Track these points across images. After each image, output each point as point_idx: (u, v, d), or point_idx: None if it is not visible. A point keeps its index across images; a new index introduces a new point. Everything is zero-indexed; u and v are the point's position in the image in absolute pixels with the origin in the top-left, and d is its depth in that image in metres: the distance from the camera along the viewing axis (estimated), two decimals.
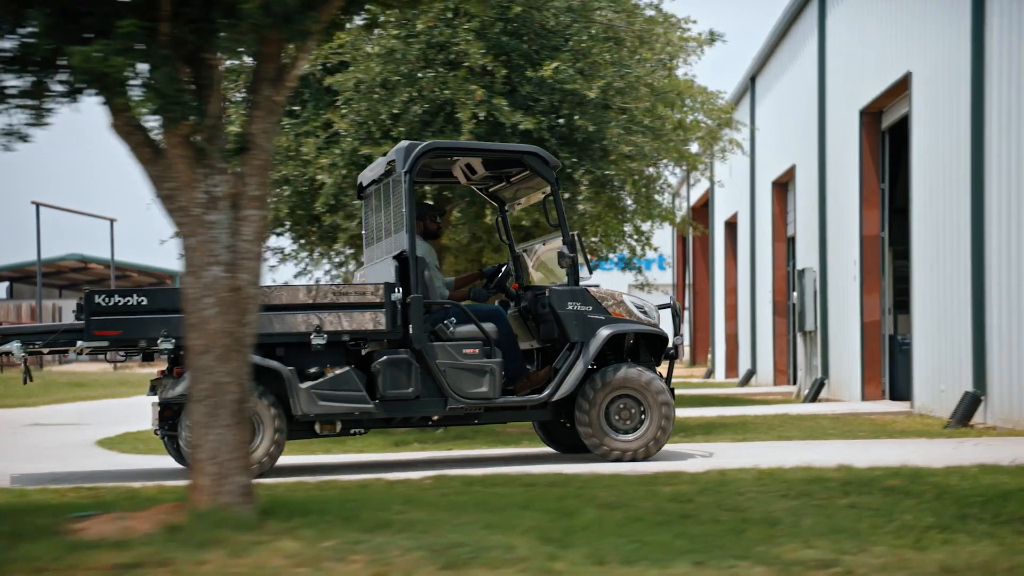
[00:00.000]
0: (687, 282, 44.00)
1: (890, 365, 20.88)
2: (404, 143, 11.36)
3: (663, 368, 12.17)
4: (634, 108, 14.03)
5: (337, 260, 16.23)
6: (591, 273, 12.63)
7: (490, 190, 12.94)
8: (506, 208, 13.06)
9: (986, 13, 15.24)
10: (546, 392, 11.34)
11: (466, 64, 13.37)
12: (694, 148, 22.57)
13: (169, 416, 10.89)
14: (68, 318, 47.54)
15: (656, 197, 23.84)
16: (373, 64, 13.36)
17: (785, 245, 28.02)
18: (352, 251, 16.17)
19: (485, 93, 13.32)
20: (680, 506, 8.08)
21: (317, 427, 11.11)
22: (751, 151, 30.76)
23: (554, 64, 13.44)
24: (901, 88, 18.98)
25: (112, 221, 48.92)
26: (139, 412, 21.08)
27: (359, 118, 13.38)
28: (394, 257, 11.49)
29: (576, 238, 11.60)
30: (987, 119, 15.23)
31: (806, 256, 24.87)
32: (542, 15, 13.83)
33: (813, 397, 22.98)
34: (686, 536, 6.94)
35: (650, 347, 11.95)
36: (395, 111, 13.36)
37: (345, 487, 9.24)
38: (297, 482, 9.81)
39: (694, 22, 22.84)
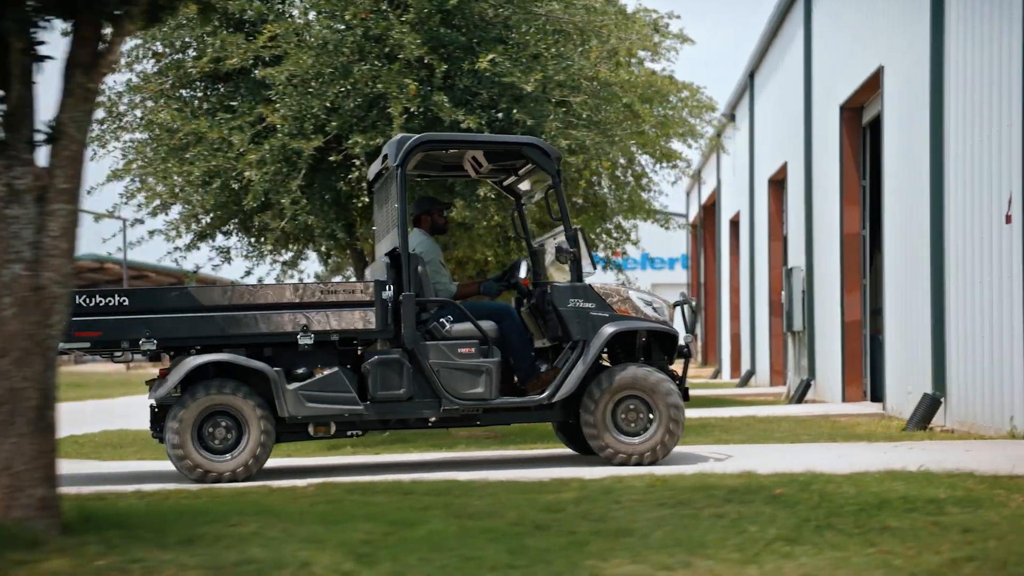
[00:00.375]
0: (700, 281, 43.54)
1: (872, 366, 20.37)
2: (397, 136, 11.08)
3: (679, 368, 11.67)
4: (573, 101, 13.60)
5: (283, 259, 15.85)
6: (595, 268, 12.11)
7: (504, 183, 12.57)
8: (522, 202, 12.66)
9: (945, 5, 14.76)
10: (546, 393, 10.98)
11: (401, 57, 13.00)
12: (677, 145, 22.24)
13: (161, 418, 10.73)
14: None
15: (643, 194, 23.57)
16: (305, 57, 13.00)
17: (781, 244, 27.52)
18: (291, 252, 15.77)
19: (419, 87, 12.94)
20: (546, 516, 7.74)
21: (310, 429, 10.84)
22: (750, 148, 30.33)
23: (490, 56, 13.05)
24: (876, 83, 18.50)
25: (125, 221, 48.71)
26: (110, 414, 20.88)
27: (291, 112, 13.03)
28: (386, 254, 11.20)
29: (579, 232, 11.23)
30: (946, 117, 14.78)
31: (795, 255, 24.41)
32: (480, 6, 13.44)
33: (799, 398, 22.54)
34: (521, 550, 6.63)
35: (663, 346, 11.50)
36: (327, 104, 13.00)
37: (198, 496, 8.89)
38: (177, 489, 9.46)
39: (677, 17, 22.59)
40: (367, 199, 13.50)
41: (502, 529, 7.22)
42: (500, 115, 13.43)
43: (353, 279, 10.59)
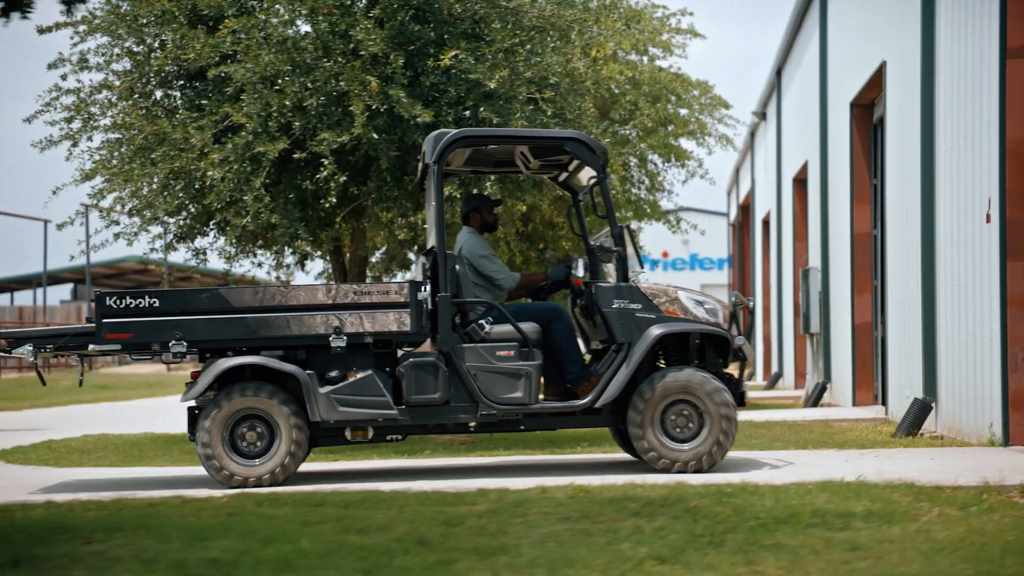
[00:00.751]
0: (740, 282, 43.06)
1: (883, 369, 19.89)
2: (434, 132, 10.79)
3: (736, 371, 11.18)
4: (540, 98, 13.27)
5: (258, 260, 15.61)
6: (642, 267, 11.56)
7: (559, 179, 12.17)
8: (579, 198, 12.23)
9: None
10: (588, 398, 10.57)
11: (362, 53, 12.75)
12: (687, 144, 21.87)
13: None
14: None
15: (646, 194, 23.18)
16: (264, 53, 12.77)
17: (805, 244, 27.03)
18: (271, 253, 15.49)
19: (381, 84, 12.67)
20: (439, 530, 7.50)
21: (347, 433, 10.56)
22: (777, 147, 29.87)
23: (452, 52, 12.76)
24: (880, 78, 18.04)
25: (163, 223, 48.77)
26: (108, 417, 20.75)
27: (254, 110, 12.80)
28: (424, 253, 10.84)
29: (626, 230, 10.85)
30: (936, 114, 14.34)
31: (813, 255, 23.96)
32: (447, 1, 13.15)
33: (815, 402, 22.09)
34: (379, 570, 6.35)
35: (718, 349, 11.00)
36: (288, 103, 12.76)
37: (104, 507, 8.68)
38: (92, 499, 9.24)
39: (690, 14, 22.23)
40: (334, 199, 13.25)
41: (381, 546, 6.96)
42: (468, 113, 13.12)
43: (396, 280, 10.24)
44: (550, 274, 11.59)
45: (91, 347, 10.34)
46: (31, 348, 10.36)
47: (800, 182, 27.14)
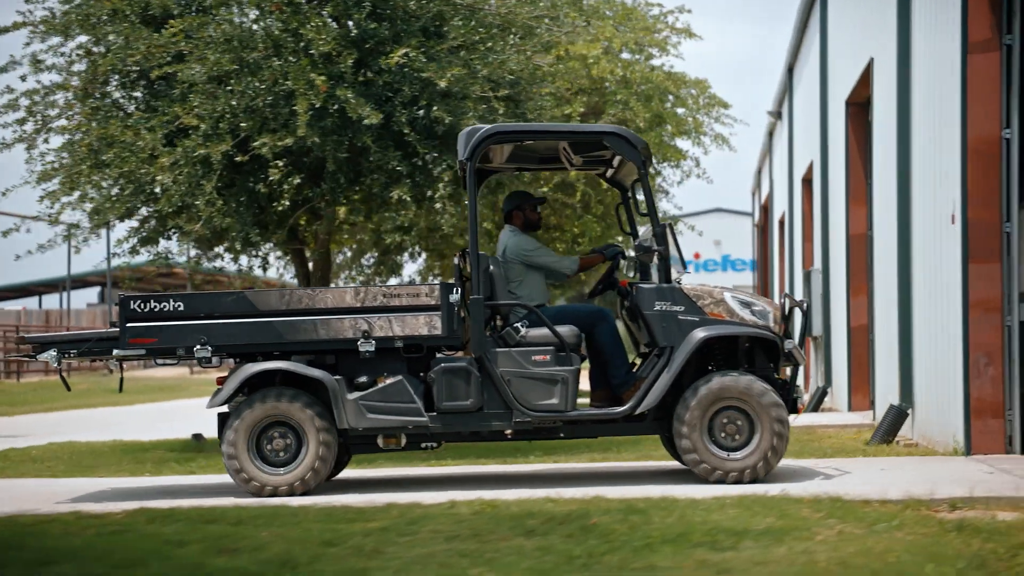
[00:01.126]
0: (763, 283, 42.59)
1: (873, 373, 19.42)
2: (467, 128, 10.43)
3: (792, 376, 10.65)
4: (493, 96, 12.93)
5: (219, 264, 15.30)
6: (685, 268, 11.06)
7: (606, 176, 11.69)
8: (628, 195, 11.69)
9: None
10: (629, 404, 10.12)
11: (312, 52, 12.47)
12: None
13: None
14: None
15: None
16: (209, 53, 12.50)
17: (812, 245, 26.55)
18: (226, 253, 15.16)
19: (329, 83, 12.38)
20: (316, 551, 7.24)
21: (380, 441, 10.22)
22: (789, 146, 29.42)
23: (403, 50, 12.45)
24: (869, 76, 17.60)
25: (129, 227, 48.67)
26: (106, 424, 20.53)
27: (206, 112, 12.54)
28: (457, 254, 10.61)
29: (668, 229, 10.35)
30: (912, 114, 13.91)
31: (816, 257, 23.51)
32: None
33: (815, 406, 21.63)
34: None
35: (768, 352, 10.49)
36: (234, 103, 12.49)
37: None
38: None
39: (688, 11, 21.86)
40: (287, 202, 12.97)
41: (240, 570, 6.67)
42: (422, 112, 12.80)
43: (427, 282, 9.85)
44: (606, 253, 11.07)
45: (115, 352, 10.10)
46: (55, 353, 10.18)
47: (807, 182, 26.68)
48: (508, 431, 10.23)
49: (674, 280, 10.36)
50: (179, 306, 10.01)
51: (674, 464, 11.52)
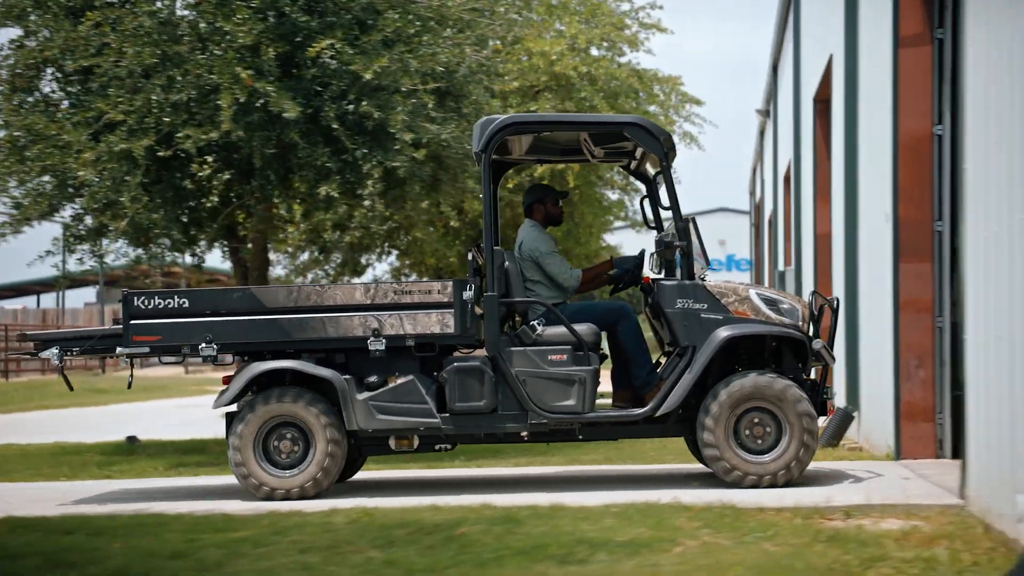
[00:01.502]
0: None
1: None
2: (482, 119, 10.05)
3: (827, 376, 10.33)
4: (422, 90, 12.63)
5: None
6: (708, 264, 10.48)
7: (630, 168, 11.28)
8: (653, 187, 11.11)
9: None
10: (649, 406, 9.73)
11: (234, 45, 12.21)
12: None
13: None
14: None
15: (614, 196, 22.51)
16: (129, 47, 12.25)
17: (791, 244, 26.23)
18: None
19: (254, 76, 12.11)
20: (153, 563, 7.00)
21: (392, 443, 9.88)
22: (774, 144, 29.11)
23: (327, 42, 12.18)
24: (830, 73, 17.28)
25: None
26: (67, 425, 20.29)
27: (132, 107, 12.29)
28: (470, 249, 10.27)
29: (691, 223, 9.98)
30: (859, 109, 13.61)
31: (791, 257, 23.21)
32: None
33: None
34: None
35: (796, 352, 10.07)
36: (154, 97, 12.24)
37: None
38: None
39: (660, 7, 21.59)
40: (216, 199, 12.71)
41: None
42: (351, 107, 12.51)
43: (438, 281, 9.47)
44: (617, 263, 10.68)
45: (118, 350, 9.83)
46: (57, 351, 9.93)
47: (788, 181, 26.36)
48: (524, 433, 9.87)
49: (697, 277, 9.95)
50: (183, 302, 9.74)
51: (633, 468, 11.32)
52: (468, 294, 9.71)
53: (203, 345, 9.69)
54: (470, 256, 10.25)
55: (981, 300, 8.01)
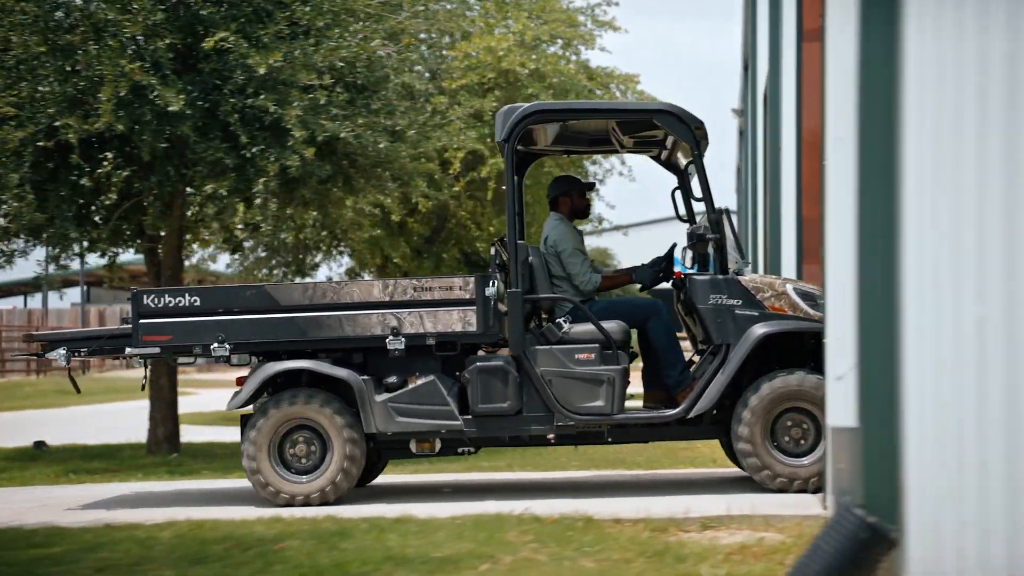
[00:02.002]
0: None
1: None
2: (504, 107, 9.63)
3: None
4: (318, 85, 12.29)
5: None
6: (743, 258, 10.13)
7: (660, 158, 10.75)
8: (685, 178, 10.52)
9: None
10: (681, 407, 9.30)
11: (127, 36, 11.90)
12: None
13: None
14: None
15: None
16: (15, 35, 11.96)
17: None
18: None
19: (144, 68, 11.79)
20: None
21: (413, 446, 9.49)
22: (751, 144, 28.73)
23: (221, 34, 11.86)
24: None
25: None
26: (30, 427, 19.97)
27: (20, 99, 11.97)
28: (493, 244, 9.87)
29: (725, 215, 9.53)
30: (781, 106, 13.26)
31: (749, 255, 22.90)
32: None
33: None
34: None
35: None
36: (40, 88, 11.92)
37: None
38: None
39: (615, 4, 21.21)
40: (115, 196, 12.38)
41: None
42: (250, 100, 12.16)
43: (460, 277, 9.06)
44: (636, 278, 10.16)
45: (127, 350, 9.46)
46: (64, 352, 9.60)
47: (766, 179, 26.04)
48: (550, 435, 9.48)
49: (732, 271, 9.51)
50: (195, 300, 9.38)
51: (581, 474, 11.04)
52: (491, 290, 9.28)
53: (215, 345, 9.33)
54: (493, 251, 9.84)
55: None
